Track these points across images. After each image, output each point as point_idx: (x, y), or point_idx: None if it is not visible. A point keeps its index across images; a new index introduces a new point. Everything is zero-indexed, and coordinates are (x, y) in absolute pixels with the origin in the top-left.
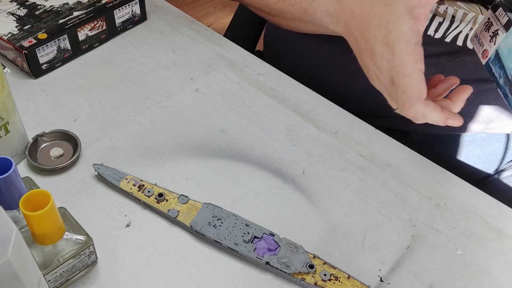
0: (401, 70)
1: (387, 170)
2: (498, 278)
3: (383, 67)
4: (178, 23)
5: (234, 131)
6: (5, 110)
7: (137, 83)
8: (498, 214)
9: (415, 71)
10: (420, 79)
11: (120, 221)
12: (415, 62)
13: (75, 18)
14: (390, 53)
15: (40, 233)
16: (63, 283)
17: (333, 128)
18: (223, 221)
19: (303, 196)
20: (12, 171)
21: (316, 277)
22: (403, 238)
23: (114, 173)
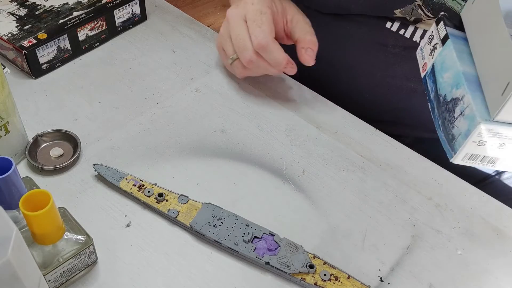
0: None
1: (387, 170)
2: (498, 278)
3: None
4: (178, 23)
5: (234, 131)
6: (5, 110)
7: (137, 83)
8: (498, 214)
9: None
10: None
11: (120, 221)
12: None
13: (75, 18)
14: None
15: (40, 233)
16: (63, 283)
17: (333, 128)
18: (223, 221)
19: (303, 196)
20: (12, 171)
21: (316, 277)
22: (403, 238)
23: (114, 173)
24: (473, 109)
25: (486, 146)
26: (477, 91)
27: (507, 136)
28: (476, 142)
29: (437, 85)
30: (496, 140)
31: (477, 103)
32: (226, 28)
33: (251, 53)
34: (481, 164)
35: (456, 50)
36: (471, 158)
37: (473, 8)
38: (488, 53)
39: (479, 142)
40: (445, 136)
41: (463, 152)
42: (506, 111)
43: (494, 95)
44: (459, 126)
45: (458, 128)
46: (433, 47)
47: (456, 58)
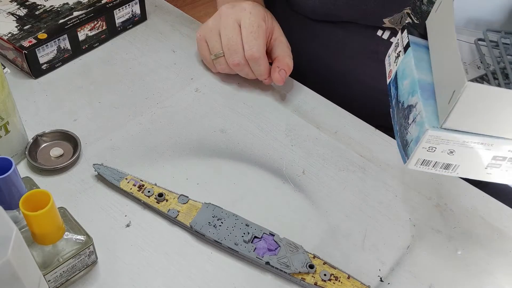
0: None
1: (387, 170)
2: (498, 278)
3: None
4: (178, 23)
5: (234, 131)
6: (5, 110)
7: (137, 83)
8: (498, 214)
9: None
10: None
11: (120, 221)
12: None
13: (75, 18)
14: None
15: (40, 233)
16: (63, 283)
17: (333, 128)
18: (223, 221)
19: (303, 196)
20: (12, 171)
21: (316, 277)
22: (403, 238)
23: (114, 173)
24: (423, 116)
25: (436, 153)
26: (430, 99)
27: (456, 143)
28: (426, 148)
29: (398, 92)
30: (445, 147)
31: (428, 110)
32: (216, 23)
33: (240, 58)
34: (434, 170)
35: (415, 58)
36: (423, 163)
37: (435, 17)
38: (440, 62)
39: (429, 148)
40: (400, 141)
41: (415, 157)
42: (452, 119)
43: (443, 103)
44: (411, 132)
45: (411, 134)
46: (398, 54)
47: (413, 66)
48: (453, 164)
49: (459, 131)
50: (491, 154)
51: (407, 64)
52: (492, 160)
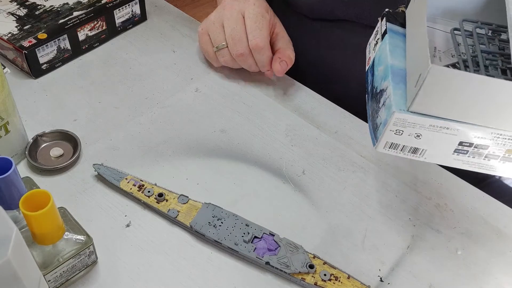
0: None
1: (387, 170)
2: (498, 278)
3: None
4: (178, 23)
5: (234, 131)
6: (5, 110)
7: (137, 83)
8: (498, 214)
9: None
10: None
11: (120, 221)
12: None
13: (75, 18)
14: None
15: (40, 233)
16: (63, 283)
17: (333, 128)
18: (223, 221)
19: (303, 196)
20: (12, 171)
21: (316, 277)
22: (403, 238)
23: (114, 173)
24: (391, 99)
25: (403, 136)
26: (400, 83)
27: (422, 127)
28: (394, 131)
29: (373, 78)
30: (412, 130)
31: (396, 94)
32: (219, 16)
33: (244, 48)
34: (403, 154)
35: (390, 45)
36: (391, 147)
37: (412, 6)
38: (412, 48)
39: (396, 132)
40: (371, 125)
41: (383, 140)
42: (418, 102)
43: (411, 86)
44: (381, 116)
45: (380, 118)
46: (376, 41)
47: (388, 52)
48: (420, 148)
49: (425, 115)
50: (458, 140)
51: (383, 51)
52: (459, 146)
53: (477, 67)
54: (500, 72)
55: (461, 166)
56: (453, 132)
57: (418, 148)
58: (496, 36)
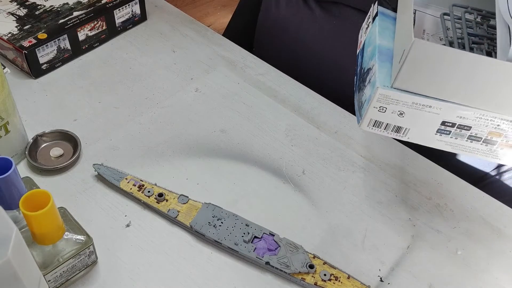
0: None
1: (387, 170)
2: (498, 278)
3: None
4: (178, 23)
5: (234, 131)
6: (5, 110)
7: (137, 83)
8: (498, 214)
9: None
10: None
11: (120, 221)
12: None
13: (75, 18)
14: None
15: (40, 233)
16: (63, 283)
17: (333, 128)
18: (223, 221)
19: (303, 196)
20: (12, 171)
21: (316, 277)
22: (403, 238)
23: (114, 173)
24: (376, 76)
25: (387, 113)
26: (386, 62)
27: (405, 104)
28: (377, 108)
29: (362, 60)
30: (395, 107)
31: (382, 71)
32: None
33: None
34: (386, 133)
35: (380, 26)
36: (375, 125)
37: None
38: (399, 28)
39: (380, 108)
40: (357, 104)
41: (367, 117)
42: (401, 77)
43: (396, 64)
44: (366, 93)
45: (365, 95)
46: (367, 25)
47: (377, 33)
48: (403, 127)
49: (409, 92)
50: (440, 119)
51: (373, 33)
52: (442, 126)
53: (463, 49)
54: (485, 54)
55: (444, 148)
56: (436, 110)
57: (401, 127)
58: (485, 22)
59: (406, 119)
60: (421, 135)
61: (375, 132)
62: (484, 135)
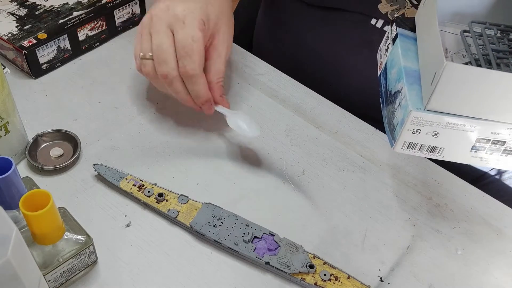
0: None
1: (387, 170)
2: (498, 278)
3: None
4: None
5: (234, 131)
6: (5, 110)
7: (137, 83)
8: (498, 214)
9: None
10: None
11: (120, 221)
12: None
13: (75, 18)
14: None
15: (40, 233)
16: (63, 283)
17: (333, 128)
18: (223, 221)
19: (303, 196)
20: (12, 171)
21: (316, 277)
22: (403, 238)
23: (114, 173)
24: (407, 99)
25: (421, 135)
26: (415, 84)
27: (439, 125)
28: (411, 130)
29: (387, 81)
30: (429, 129)
31: (412, 94)
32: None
33: (170, 70)
34: (421, 153)
35: (402, 48)
36: (410, 146)
37: (421, 11)
38: (425, 49)
39: (413, 131)
40: (388, 127)
41: (401, 140)
42: (434, 99)
43: (426, 86)
44: (397, 116)
45: (397, 118)
46: (387, 46)
47: (400, 54)
48: (438, 147)
49: (442, 112)
50: (475, 136)
51: (395, 54)
52: (476, 143)
53: (489, 65)
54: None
55: (479, 163)
56: (470, 129)
57: (436, 147)
58: (505, 36)
59: (440, 139)
60: (456, 153)
61: (409, 153)
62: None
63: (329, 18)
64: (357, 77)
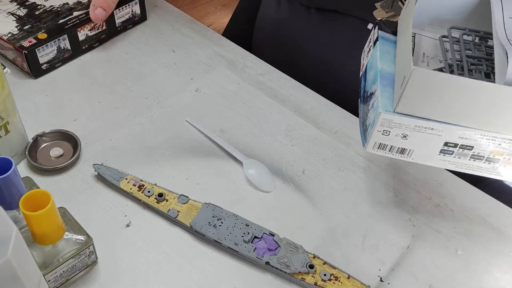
0: None
1: (387, 170)
2: (498, 278)
3: None
4: (178, 23)
5: (234, 131)
6: (5, 110)
7: (137, 83)
8: (498, 214)
9: None
10: None
11: (120, 221)
12: None
13: (75, 18)
14: None
15: (40, 233)
16: (63, 283)
17: (333, 128)
18: (223, 221)
19: (303, 196)
20: (12, 171)
21: (316, 277)
22: (403, 238)
23: (114, 173)
24: (379, 101)
25: (391, 136)
26: (388, 87)
27: (408, 127)
28: (381, 131)
29: (365, 83)
30: (398, 131)
31: (384, 96)
32: None
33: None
34: (391, 154)
35: (381, 51)
36: (380, 147)
37: (402, 14)
38: (400, 52)
39: (383, 132)
40: (362, 127)
41: (372, 141)
42: (403, 103)
43: (398, 89)
44: (370, 117)
45: (369, 119)
46: (369, 49)
47: (378, 57)
48: (407, 149)
49: (411, 116)
50: (443, 140)
51: (374, 57)
52: (444, 147)
53: (462, 71)
54: (483, 75)
55: (448, 167)
56: (438, 132)
57: (405, 149)
58: (483, 43)
59: (409, 141)
60: (424, 156)
61: (380, 154)
62: (486, 154)
63: (327, 21)
64: (355, 79)
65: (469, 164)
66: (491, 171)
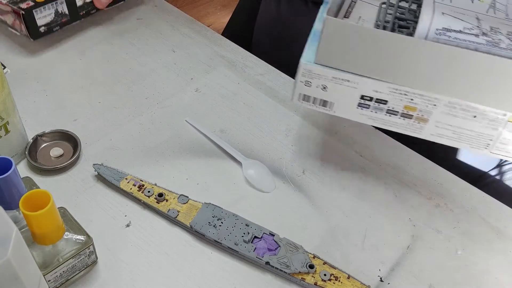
0: None
1: (387, 170)
2: (498, 278)
3: None
4: (178, 23)
5: (234, 131)
6: (5, 110)
7: (137, 83)
8: (498, 214)
9: None
10: None
11: (120, 221)
12: None
13: None
14: None
15: (40, 233)
16: (63, 283)
17: (333, 128)
18: (223, 221)
19: (303, 196)
20: (12, 171)
21: (316, 277)
22: (403, 238)
23: (114, 173)
24: (303, 53)
25: (312, 88)
26: (315, 41)
27: (326, 79)
28: (303, 82)
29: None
30: (318, 82)
31: (310, 49)
32: None
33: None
34: (315, 107)
35: (321, 12)
36: (305, 99)
37: None
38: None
39: (305, 83)
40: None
41: (296, 92)
42: (320, 53)
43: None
44: (298, 70)
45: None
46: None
47: (317, 18)
48: (328, 101)
49: (330, 67)
50: (359, 93)
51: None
52: (361, 100)
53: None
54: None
55: (367, 122)
56: (354, 85)
57: (327, 101)
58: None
59: (329, 93)
60: (345, 109)
61: (305, 106)
62: (400, 109)
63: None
64: None
65: (385, 119)
66: (407, 127)
